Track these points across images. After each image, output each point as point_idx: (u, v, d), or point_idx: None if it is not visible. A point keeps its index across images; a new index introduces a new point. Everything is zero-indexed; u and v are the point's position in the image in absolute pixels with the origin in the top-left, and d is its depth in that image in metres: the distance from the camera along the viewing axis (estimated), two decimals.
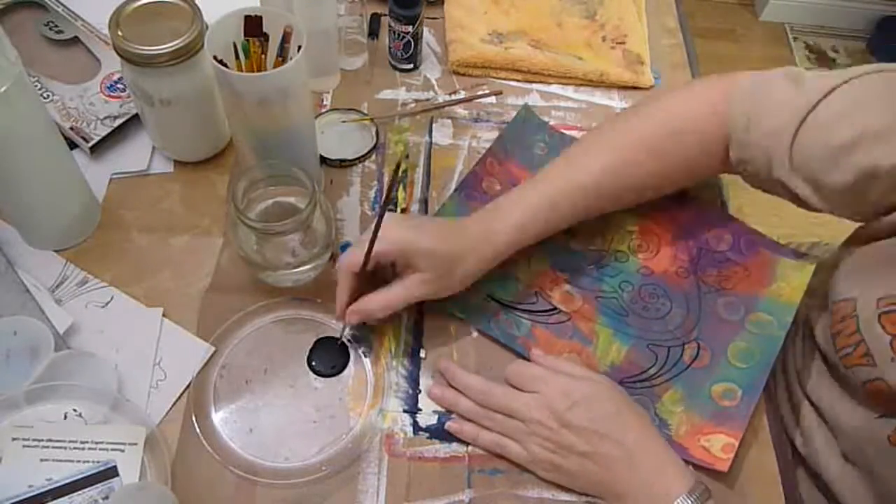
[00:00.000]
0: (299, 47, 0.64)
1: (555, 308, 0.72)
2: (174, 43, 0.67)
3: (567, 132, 0.85)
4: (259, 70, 0.67)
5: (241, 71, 0.67)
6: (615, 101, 0.90)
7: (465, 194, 0.78)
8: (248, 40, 0.66)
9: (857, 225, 0.68)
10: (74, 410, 0.62)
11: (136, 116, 0.79)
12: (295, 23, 0.66)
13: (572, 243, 0.75)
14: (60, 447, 0.60)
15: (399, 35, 0.86)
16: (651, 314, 0.72)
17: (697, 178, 0.74)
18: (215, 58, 0.63)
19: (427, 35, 0.94)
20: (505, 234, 0.66)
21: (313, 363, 0.68)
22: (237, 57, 0.67)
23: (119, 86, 0.82)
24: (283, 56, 0.67)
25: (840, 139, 0.60)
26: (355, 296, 0.65)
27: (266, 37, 0.67)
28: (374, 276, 0.66)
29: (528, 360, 0.68)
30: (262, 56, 0.67)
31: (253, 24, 0.66)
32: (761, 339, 0.69)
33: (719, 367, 0.68)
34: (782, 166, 0.65)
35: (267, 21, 0.66)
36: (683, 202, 0.78)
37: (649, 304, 0.72)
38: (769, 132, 0.65)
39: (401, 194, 0.79)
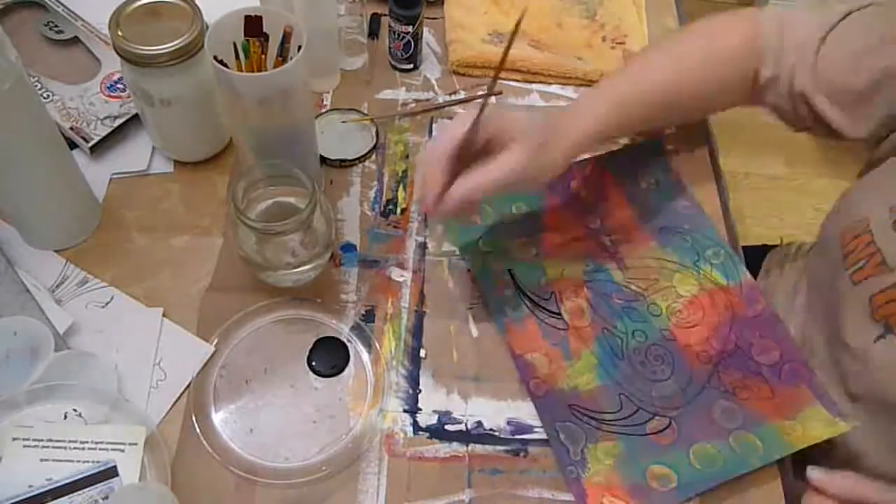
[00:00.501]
0: (299, 47, 0.64)
1: (559, 314, 0.72)
2: (174, 43, 0.67)
3: None
4: (259, 70, 0.67)
5: (241, 71, 0.67)
6: None
7: (549, 185, 0.78)
8: (248, 40, 0.66)
9: None
10: (74, 410, 0.62)
11: (136, 116, 0.79)
12: (295, 23, 0.66)
13: (618, 274, 0.74)
14: (60, 447, 0.60)
15: (399, 35, 0.86)
16: (645, 373, 0.68)
17: (736, 100, 0.76)
18: (215, 58, 0.63)
19: (427, 35, 0.94)
20: (584, 124, 0.67)
21: (313, 363, 0.68)
22: (237, 57, 0.67)
23: (119, 86, 0.82)
24: (283, 56, 0.67)
25: (861, 44, 0.66)
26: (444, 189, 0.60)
27: (266, 37, 0.67)
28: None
29: (505, 339, 0.69)
30: (262, 56, 0.67)
31: (253, 24, 0.66)
32: (733, 457, 0.63)
33: (673, 454, 0.64)
34: (805, 77, 0.69)
35: (267, 21, 0.66)
36: (754, 299, 0.72)
37: (649, 364, 0.69)
38: (797, 44, 0.69)
39: (400, 194, 0.79)
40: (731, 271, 0.74)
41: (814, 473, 0.62)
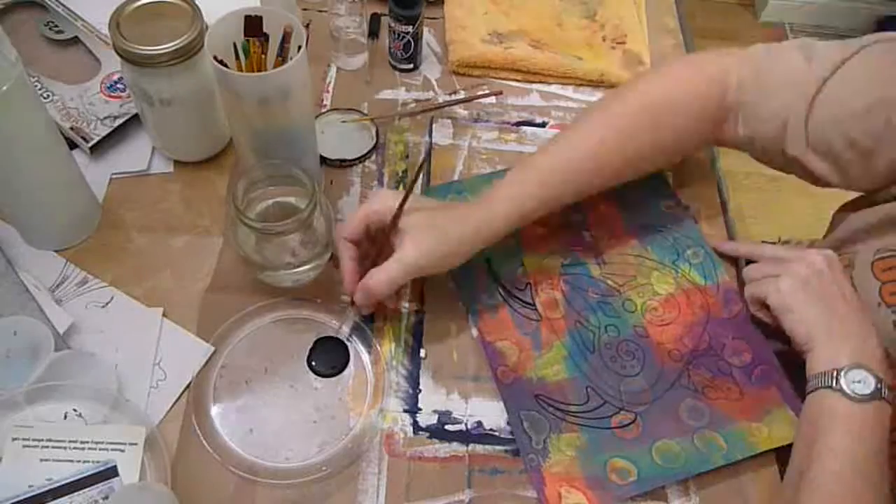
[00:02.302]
0: (299, 47, 0.64)
1: (533, 305, 0.72)
2: (174, 43, 0.67)
3: None
4: (259, 70, 0.67)
5: (241, 71, 0.67)
6: None
7: None
8: (248, 40, 0.66)
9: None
10: (74, 410, 0.62)
11: (136, 116, 0.79)
12: (295, 23, 0.66)
13: (596, 269, 0.74)
14: (60, 447, 0.60)
15: (399, 35, 0.86)
16: (614, 368, 0.68)
17: (691, 151, 0.77)
18: (215, 58, 0.63)
19: (427, 35, 0.94)
20: (497, 212, 0.66)
21: (313, 363, 0.68)
22: (237, 57, 0.67)
23: (119, 86, 0.82)
24: (283, 56, 0.67)
25: (853, 109, 0.64)
26: (361, 274, 0.65)
27: (266, 37, 0.67)
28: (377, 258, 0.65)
29: (477, 328, 0.70)
30: (263, 56, 0.67)
31: (253, 24, 0.66)
32: (696, 455, 0.64)
33: (636, 449, 0.64)
34: (798, 144, 0.67)
35: (267, 21, 0.66)
36: (730, 300, 0.72)
37: (619, 359, 0.69)
38: (781, 107, 0.67)
39: None
40: (709, 272, 0.74)
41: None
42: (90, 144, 0.78)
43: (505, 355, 0.69)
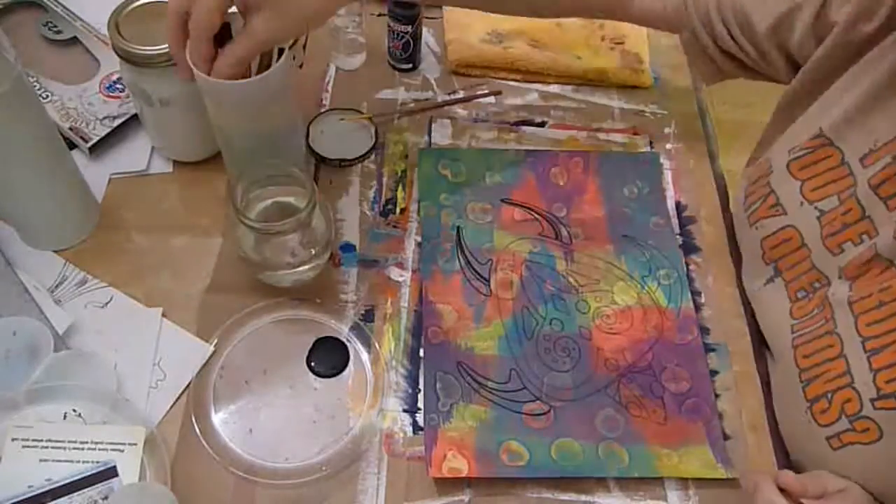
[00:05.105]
0: (280, 52, 0.64)
1: (487, 281, 0.72)
2: None
3: (566, 132, 0.86)
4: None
5: None
6: (614, 101, 0.90)
7: (530, 164, 0.81)
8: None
9: None
10: (74, 410, 0.62)
11: (135, 116, 0.79)
12: None
13: (562, 264, 0.74)
14: (60, 447, 0.60)
15: (398, 35, 0.86)
16: (545, 359, 0.68)
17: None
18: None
19: (426, 35, 0.94)
20: None
21: (313, 363, 0.68)
22: None
23: (118, 86, 0.82)
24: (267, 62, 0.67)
25: None
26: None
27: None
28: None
29: (424, 287, 0.71)
30: None
31: (220, 32, 0.65)
32: (594, 461, 0.63)
33: (537, 438, 0.64)
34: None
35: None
36: (686, 329, 0.71)
37: (553, 352, 0.68)
38: None
39: (400, 194, 0.79)
40: (675, 295, 0.73)
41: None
42: (89, 145, 0.78)
43: (442, 317, 0.69)
